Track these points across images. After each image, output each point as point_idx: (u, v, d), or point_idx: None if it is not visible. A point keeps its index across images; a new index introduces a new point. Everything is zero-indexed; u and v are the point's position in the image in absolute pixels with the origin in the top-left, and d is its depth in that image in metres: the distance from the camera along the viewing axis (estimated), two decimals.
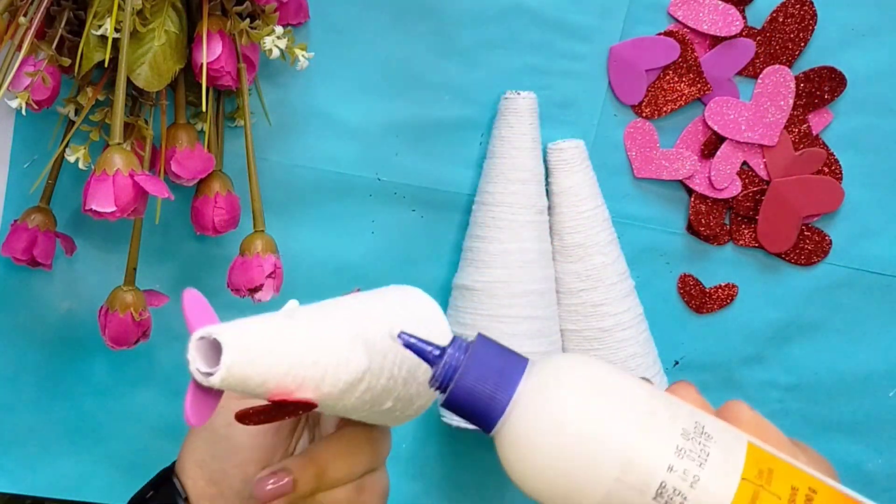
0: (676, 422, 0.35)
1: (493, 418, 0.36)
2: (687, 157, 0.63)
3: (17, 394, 0.64)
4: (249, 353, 0.35)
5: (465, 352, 0.37)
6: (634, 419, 0.35)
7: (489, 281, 0.60)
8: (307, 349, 0.37)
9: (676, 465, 0.34)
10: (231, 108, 0.60)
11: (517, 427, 0.36)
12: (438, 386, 0.37)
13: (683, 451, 0.34)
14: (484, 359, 0.36)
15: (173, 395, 0.64)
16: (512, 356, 0.37)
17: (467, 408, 0.36)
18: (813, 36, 0.63)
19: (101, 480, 0.65)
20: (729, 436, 0.36)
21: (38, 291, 0.63)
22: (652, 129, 0.63)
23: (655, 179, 0.64)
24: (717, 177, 0.64)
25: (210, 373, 0.34)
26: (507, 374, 0.36)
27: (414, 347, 0.37)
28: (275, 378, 0.35)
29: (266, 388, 0.36)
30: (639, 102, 0.63)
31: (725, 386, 0.67)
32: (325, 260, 0.63)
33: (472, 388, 0.36)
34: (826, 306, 0.67)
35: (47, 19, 0.53)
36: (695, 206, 0.64)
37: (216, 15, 0.54)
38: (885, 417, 0.68)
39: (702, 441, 0.35)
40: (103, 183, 0.49)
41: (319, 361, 0.37)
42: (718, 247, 0.66)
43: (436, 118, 0.62)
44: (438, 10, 0.61)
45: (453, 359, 0.36)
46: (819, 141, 0.65)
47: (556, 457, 0.35)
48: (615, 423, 0.35)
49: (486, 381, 0.36)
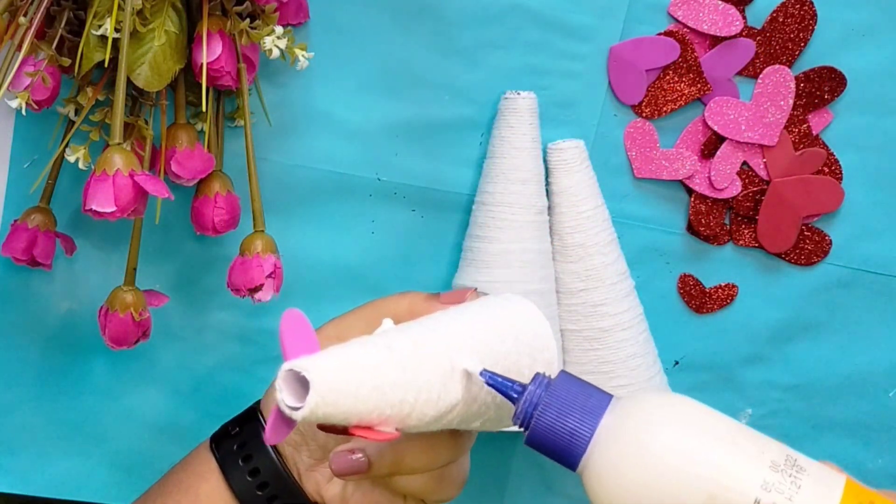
0: (765, 454, 0.36)
1: (576, 454, 0.37)
2: (687, 157, 0.63)
3: (17, 394, 0.64)
4: (335, 395, 0.35)
5: (546, 388, 0.37)
6: (722, 451, 0.35)
7: (489, 281, 0.60)
8: (398, 389, 0.37)
9: (765, 497, 0.34)
10: (231, 108, 0.60)
11: (604, 462, 0.36)
12: (521, 423, 0.37)
13: (772, 484, 0.35)
14: (565, 395, 0.37)
15: (173, 395, 0.64)
16: (594, 392, 0.38)
17: (549, 444, 0.37)
18: (813, 36, 0.63)
19: (101, 480, 0.65)
20: (824, 472, 0.36)
21: (38, 291, 0.63)
22: (652, 129, 0.63)
23: (655, 179, 0.64)
24: (717, 177, 0.64)
25: (296, 407, 0.35)
26: (590, 409, 0.37)
27: (496, 386, 0.38)
28: (358, 416, 0.36)
29: (348, 422, 0.36)
30: (639, 102, 0.63)
31: (725, 386, 0.67)
32: (325, 260, 0.63)
33: (553, 424, 0.37)
34: (826, 306, 0.67)
35: (47, 19, 0.53)
36: (695, 206, 0.64)
37: (216, 15, 0.54)
38: (885, 417, 0.68)
39: (793, 473, 0.35)
40: (103, 183, 0.49)
41: (407, 400, 0.37)
42: (718, 247, 0.66)
43: (436, 118, 0.62)
44: (438, 10, 0.61)
45: (535, 395, 0.37)
46: (819, 141, 0.65)
47: (644, 490, 0.35)
48: (703, 455, 0.35)
49: (567, 417, 0.37)
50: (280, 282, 0.56)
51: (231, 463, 0.48)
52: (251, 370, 0.65)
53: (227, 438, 0.49)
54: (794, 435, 0.67)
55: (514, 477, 0.68)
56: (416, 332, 0.39)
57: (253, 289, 0.55)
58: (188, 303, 0.63)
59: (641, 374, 0.61)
